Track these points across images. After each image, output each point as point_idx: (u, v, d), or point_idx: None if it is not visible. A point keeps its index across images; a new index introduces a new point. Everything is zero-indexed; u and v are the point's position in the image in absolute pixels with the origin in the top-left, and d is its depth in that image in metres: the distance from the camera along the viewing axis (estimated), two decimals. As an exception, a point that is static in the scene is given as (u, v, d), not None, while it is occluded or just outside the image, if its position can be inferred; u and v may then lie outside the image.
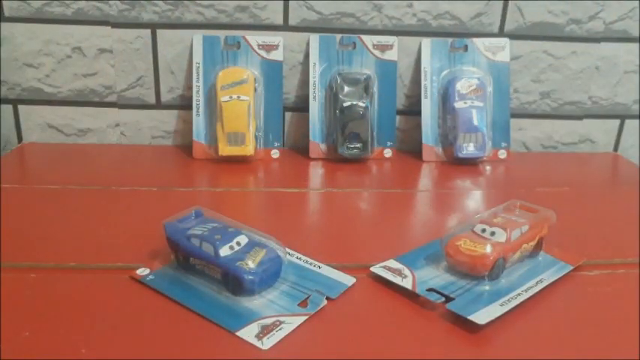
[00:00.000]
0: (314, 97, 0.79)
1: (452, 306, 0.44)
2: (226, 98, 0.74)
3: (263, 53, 0.78)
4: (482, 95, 0.77)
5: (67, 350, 0.39)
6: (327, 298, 0.45)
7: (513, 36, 0.81)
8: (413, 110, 0.83)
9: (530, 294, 0.46)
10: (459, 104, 0.77)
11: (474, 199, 0.68)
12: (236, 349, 0.39)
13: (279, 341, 0.40)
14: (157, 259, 0.49)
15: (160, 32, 0.78)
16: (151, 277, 0.47)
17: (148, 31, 0.78)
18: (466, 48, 0.80)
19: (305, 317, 0.43)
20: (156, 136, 0.83)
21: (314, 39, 0.78)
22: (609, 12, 0.81)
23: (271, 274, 0.46)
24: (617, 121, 0.88)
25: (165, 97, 0.81)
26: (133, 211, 0.60)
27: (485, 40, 0.80)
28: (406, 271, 0.49)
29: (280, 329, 0.41)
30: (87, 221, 0.58)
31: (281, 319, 0.42)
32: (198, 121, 0.77)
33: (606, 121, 0.87)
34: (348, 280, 0.48)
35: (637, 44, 0.83)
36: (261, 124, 0.78)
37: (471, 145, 0.77)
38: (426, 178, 0.75)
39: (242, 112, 0.74)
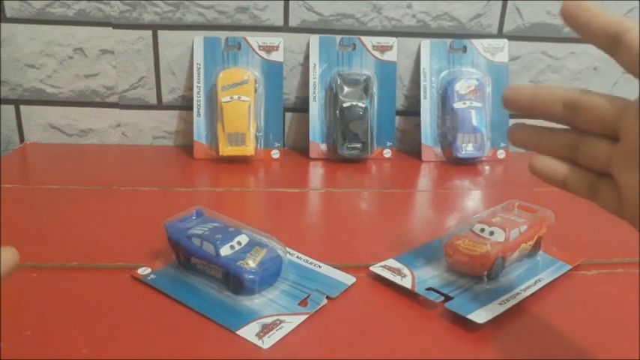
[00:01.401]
0: (314, 98, 0.79)
1: (451, 305, 0.44)
2: (227, 99, 0.74)
3: (263, 54, 0.78)
4: (481, 96, 0.78)
5: (68, 350, 0.39)
6: (327, 298, 0.45)
7: (512, 37, 0.81)
8: (412, 111, 0.83)
9: (529, 293, 0.46)
10: (458, 105, 0.77)
11: (472, 199, 0.68)
12: (236, 348, 0.40)
13: (280, 340, 0.40)
14: (158, 259, 0.50)
15: (161, 33, 0.78)
16: (152, 276, 0.47)
17: (149, 32, 0.78)
18: (465, 49, 0.80)
19: (305, 316, 0.43)
20: (157, 136, 0.83)
21: (314, 40, 0.78)
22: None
23: (271, 273, 0.46)
24: (616, 122, 0.88)
25: (167, 97, 0.81)
26: (134, 211, 0.61)
27: (484, 41, 0.80)
28: (406, 271, 0.49)
29: (280, 328, 0.41)
30: (88, 221, 0.58)
31: (281, 318, 0.42)
32: (199, 122, 0.78)
33: (605, 121, 0.87)
34: (348, 279, 0.48)
35: (636, 45, 0.83)
36: (262, 124, 0.78)
37: (470, 145, 0.77)
38: (425, 178, 0.75)
39: (242, 112, 0.74)
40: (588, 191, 0.35)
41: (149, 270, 0.48)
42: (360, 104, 0.76)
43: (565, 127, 0.35)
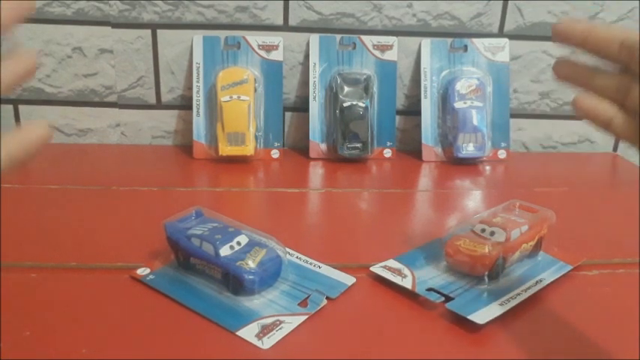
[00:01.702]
0: (314, 97, 0.79)
1: (451, 305, 0.44)
2: (226, 98, 0.74)
3: (263, 53, 0.78)
4: (482, 95, 0.77)
5: (67, 350, 0.39)
6: (327, 298, 0.45)
7: (513, 36, 0.81)
8: (413, 110, 0.83)
9: (530, 294, 0.46)
10: (458, 104, 0.77)
11: (473, 199, 0.68)
12: (236, 349, 0.40)
13: (279, 341, 0.40)
14: (158, 259, 0.50)
15: (160, 32, 0.78)
16: (151, 276, 0.47)
17: (149, 32, 0.78)
18: (466, 48, 0.80)
19: (305, 317, 0.43)
20: (156, 136, 0.83)
21: (314, 39, 0.78)
22: (609, 12, 0.81)
23: (271, 273, 0.46)
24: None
25: (166, 97, 0.81)
26: (133, 211, 0.60)
27: (485, 40, 0.80)
28: (406, 271, 0.49)
29: (280, 329, 0.41)
30: (87, 221, 0.58)
31: (281, 318, 0.42)
32: (199, 121, 0.77)
33: (606, 121, 0.87)
34: (348, 279, 0.48)
35: (637, 44, 0.83)
36: (262, 124, 0.78)
37: (471, 145, 0.77)
38: (425, 178, 0.75)
39: (242, 112, 0.74)
40: (633, 135, 0.34)
41: (148, 270, 0.48)
42: (361, 104, 0.75)
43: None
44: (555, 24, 0.34)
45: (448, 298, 0.45)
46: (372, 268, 0.49)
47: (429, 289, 0.46)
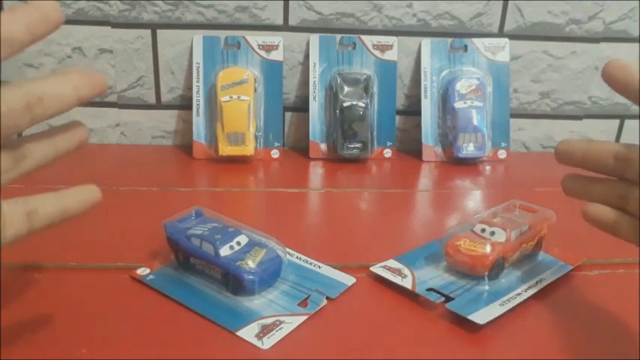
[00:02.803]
0: (314, 97, 0.79)
1: (452, 306, 0.44)
2: (226, 98, 0.74)
3: (263, 53, 0.78)
4: (482, 95, 0.77)
5: (67, 350, 0.39)
6: (327, 298, 0.45)
7: (513, 36, 0.81)
8: (413, 110, 0.83)
9: (530, 294, 0.46)
10: (458, 104, 0.77)
11: (473, 199, 0.68)
12: (236, 349, 0.40)
13: (279, 341, 0.40)
14: (157, 259, 0.50)
15: (160, 32, 0.78)
16: (151, 276, 0.47)
17: (149, 32, 0.78)
18: (466, 48, 0.80)
19: (305, 317, 0.43)
20: (156, 136, 0.83)
21: (314, 39, 0.78)
22: (609, 12, 0.81)
23: (271, 273, 0.46)
24: (617, 122, 0.88)
25: (166, 97, 0.81)
26: (133, 211, 0.60)
27: (485, 40, 0.80)
28: (406, 271, 0.49)
29: (280, 329, 0.41)
30: (87, 221, 0.57)
31: (281, 318, 0.42)
32: (199, 121, 0.77)
33: (606, 121, 0.87)
34: (348, 279, 0.48)
35: (637, 44, 0.83)
36: (261, 124, 0.78)
37: (471, 145, 0.77)
38: (425, 178, 0.75)
39: (242, 112, 0.74)
40: (636, 236, 0.37)
41: (148, 270, 0.48)
42: (361, 104, 0.75)
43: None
44: (557, 147, 0.39)
45: (448, 298, 0.45)
46: (372, 268, 0.49)
47: (429, 289, 0.46)
